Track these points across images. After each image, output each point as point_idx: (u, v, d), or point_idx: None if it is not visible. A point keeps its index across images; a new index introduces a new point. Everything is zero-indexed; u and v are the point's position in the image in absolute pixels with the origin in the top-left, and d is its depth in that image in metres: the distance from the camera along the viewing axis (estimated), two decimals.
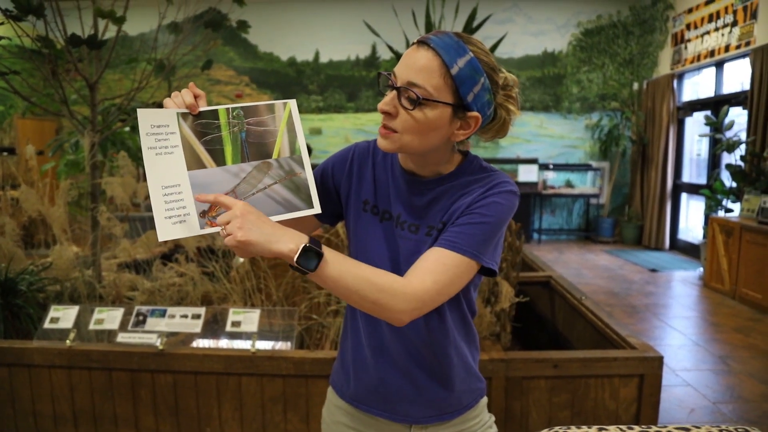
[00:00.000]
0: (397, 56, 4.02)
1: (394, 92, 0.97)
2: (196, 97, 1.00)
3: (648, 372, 2.02)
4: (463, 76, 0.95)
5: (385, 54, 8.63)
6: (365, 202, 1.13)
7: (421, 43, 0.97)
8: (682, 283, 5.92)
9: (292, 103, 1.07)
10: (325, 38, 8.75)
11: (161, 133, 0.97)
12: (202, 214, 0.97)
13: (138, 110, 0.95)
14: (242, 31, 3.07)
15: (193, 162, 0.99)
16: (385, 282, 0.94)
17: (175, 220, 0.95)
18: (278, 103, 1.06)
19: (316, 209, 1.04)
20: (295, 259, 0.88)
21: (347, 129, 8.86)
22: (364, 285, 0.92)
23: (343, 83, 8.86)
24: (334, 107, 8.89)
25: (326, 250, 0.92)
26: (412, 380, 1.14)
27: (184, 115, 0.99)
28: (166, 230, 0.94)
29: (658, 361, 2.01)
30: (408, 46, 4.32)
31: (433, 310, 1.05)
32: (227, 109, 1.02)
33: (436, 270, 0.96)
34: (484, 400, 1.24)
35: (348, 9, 8.58)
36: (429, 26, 3.92)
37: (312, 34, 8.74)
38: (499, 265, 1.06)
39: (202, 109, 1.00)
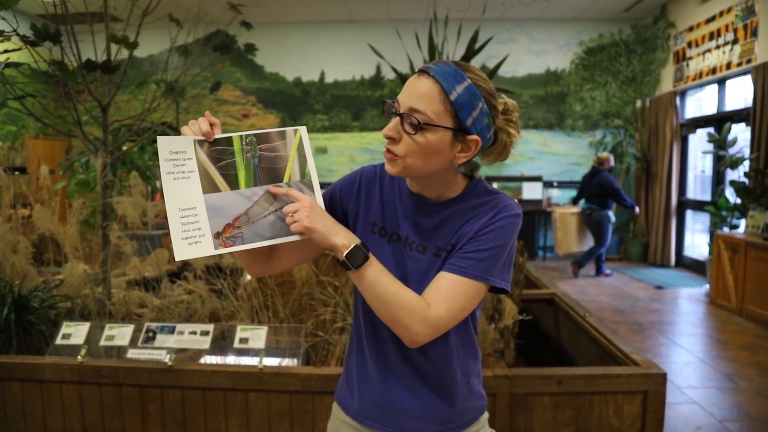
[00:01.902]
0: (401, 77, 4.09)
1: (398, 118, 1.03)
2: (211, 125, 1.07)
3: (652, 389, 2.03)
4: (461, 101, 1.00)
5: (389, 74, 8.74)
6: (373, 224, 1.18)
7: (422, 72, 1.03)
8: (688, 300, 5.91)
9: (303, 130, 1.13)
10: (331, 59, 8.88)
11: (179, 158, 1.04)
12: (216, 236, 1.03)
13: (158, 137, 1.02)
14: (250, 54, 3.15)
15: (209, 186, 1.05)
16: (410, 302, 1.02)
17: (191, 240, 1.01)
18: (289, 129, 1.12)
19: None
20: (345, 254, 1.00)
21: (352, 148, 8.94)
22: (392, 298, 1.01)
23: (348, 103, 8.96)
24: (339, 126, 8.98)
25: (371, 257, 1.02)
26: (416, 396, 1.17)
27: (200, 142, 1.06)
28: (183, 250, 1.00)
29: (662, 377, 2.03)
30: (411, 67, 4.40)
31: None
32: (241, 136, 1.09)
33: (450, 298, 1.03)
34: (485, 415, 1.27)
35: (353, 30, 8.71)
36: (432, 48, 4.00)
37: (317, 54, 8.87)
38: (510, 283, 1.12)
39: (217, 136, 1.07)
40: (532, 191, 8.54)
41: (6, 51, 2.55)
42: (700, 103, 7.64)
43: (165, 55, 8.56)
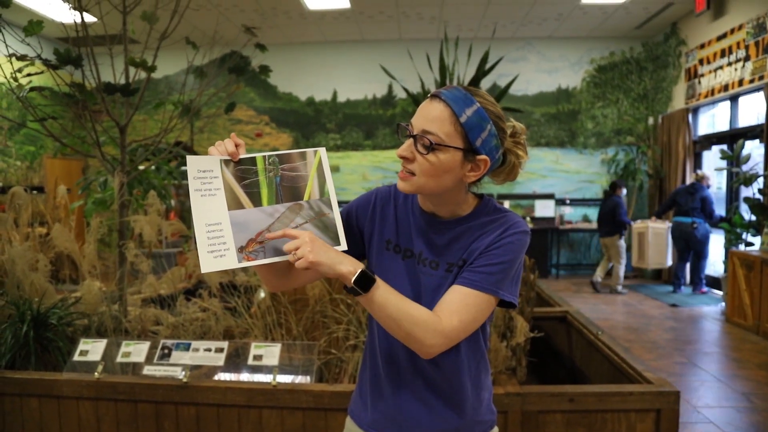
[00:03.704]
0: (413, 97, 4.15)
1: (411, 139, 1.09)
2: (236, 145, 1.13)
3: (665, 407, 2.02)
4: (471, 123, 1.06)
5: (401, 93, 8.82)
6: (388, 241, 1.23)
7: (434, 96, 1.10)
8: (704, 318, 5.84)
9: (322, 151, 1.19)
10: (343, 78, 8.99)
11: (206, 177, 1.10)
12: (240, 250, 1.08)
13: (187, 157, 1.09)
14: (264, 75, 3.22)
15: (233, 203, 1.11)
16: (421, 317, 1.06)
17: (216, 254, 1.07)
18: (309, 150, 1.19)
19: (343, 246, 1.15)
20: (352, 280, 1.03)
21: (365, 166, 9.01)
22: (402, 316, 1.05)
23: (361, 122, 9.05)
24: (351, 145, 9.06)
25: (378, 279, 1.06)
26: (428, 409, 1.20)
27: (226, 162, 1.12)
28: (209, 263, 1.06)
29: (675, 395, 2.02)
30: (423, 87, 4.46)
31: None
32: (264, 156, 1.15)
33: (461, 310, 1.08)
34: (495, 430, 1.29)
35: (365, 50, 8.83)
36: (443, 68, 4.05)
37: (330, 74, 8.99)
38: (518, 298, 1.16)
39: (242, 156, 1.13)
40: (544, 209, 8.53)
41: (29, 74, 2.64)
42: (713, 119, 7.63)
43: (180, 75, 8.73)
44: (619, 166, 8.50)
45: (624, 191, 7.20)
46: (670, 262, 7.34)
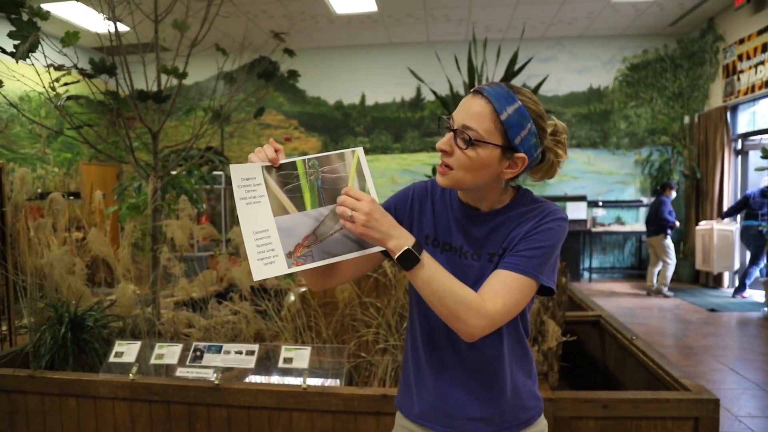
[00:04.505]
0: (441, 100, 4.13)
1: (451, 133, 1.11)
2: (276, 151, 1.14)
3: (704, 415, 1.96)
4: (511, 121, 1.08)
5: (429, 95, 8.79)
6: (426, 236, 1.25)
7: (476, 92, 1.11)
8: (744, 324, 5.66)
9: (360, 151, 1.20)
10: (371, 81, 9.01)
11: (250, 185, 1.12)
12: (289, 255, 1.10)
13: (231, 166, 1.10)
14: (292, 80, 3.25)
15: (278, 209, 1.13)
16: (466, 297, 1.06)
17: (266, 261, 1.08)
18: (347, 151, 1.19)
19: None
20: (396, 256, 1.05)
21: (393, 169, 9.00)
22: (447, 294, 1.06)
23: (389, 125, 9.06)
24: (380, 148, 9.07)
25: (425, 256, 1.07)
26: (471, 397, 1.21)
27: (267, 168, 1.14)
28: (259, 271, 1.07)
29: (714, 403, 1.95)
30: (451, 89, 4.45)
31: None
32: (304, 160, 1.16)
33: (504, 293, 1.09)
34: (544, 421, 1.29)
35: (393, 53, 8.84)
36: (471, 70, 4.02)
37: (358, 78, 9.02)
38: (555, 284, 1.17)
39: (282, 161, 1.14)
40: (576, 211, 8.38)
41: (66, 84, 2.71)
42: (754, 117, 7.39)
43: (211, 81, 8.88)
44: (654, 166, 8.32)
45: (674, 192, 7.06)
46: (737, 266, 7.12)
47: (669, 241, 6.92)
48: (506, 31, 8.24)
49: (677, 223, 7.05)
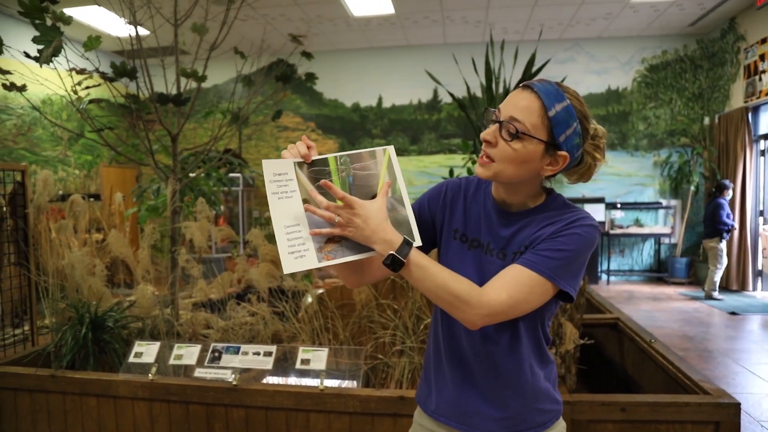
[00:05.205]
0: (458, 102, 4.12)
1: (497, 125, 1.11)
2: (308, 147, 1.16)
3: (724, 419, 1.93)
4: (558, 118, 1.09)
5: (446, 98, 8.78)
6: (455, 231, 1.26)
7: (526, 86, 1.12)
8: (766, 327, 5.56)
9: (391, 149, 1.21)
10: (388, 84, 9.02)
11: (282, 179, 1.13)
12: (319, 249, 1.11)
13: (263, 161, 1.12)
14: (310, 82, 3.27)
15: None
16: (462, 290, 1.08)
17: (296, 255, 1.09)
18: (378, 149, 1.20)
19: (417, 242, 1.16)
20: (382, 261, 1.08)
21: (410, 172, 8.99)
22: (440, 289, 1.08)
23: (406, 127, 9.05)
24: (397, 150, 8.98)
25: (414, 256, 1.09)
26: (489, 396, 1.21)
27: (299, 164, 1.15)
28: (290, 264, 1.08)
29: (735, 407, 1.92)
30: (468, 91, 4.44)
31: (512, 332, 1.17)
32: (336, 157, 1.18)
33: (512, 286, 1.09)
34: (562, 423, 1.28)
35: (410, 55, 8.84)
36: (488, 72, 4.01)
37: (375, 80, 9.03)
38: (577, 293, 1.15)
39: (314, 157, 1.16)
40: (594, 213, 8.28)
41: (87, 87, 2.76)
42: None
43: (229, 84, 8.95)
44: (673, 168, 8.21)
45: (730, 193, 6.91)
46: None
47: (723, 245, 6.79)
48: (524, 33, 8.20)
49: (736, 226, 6.93)
